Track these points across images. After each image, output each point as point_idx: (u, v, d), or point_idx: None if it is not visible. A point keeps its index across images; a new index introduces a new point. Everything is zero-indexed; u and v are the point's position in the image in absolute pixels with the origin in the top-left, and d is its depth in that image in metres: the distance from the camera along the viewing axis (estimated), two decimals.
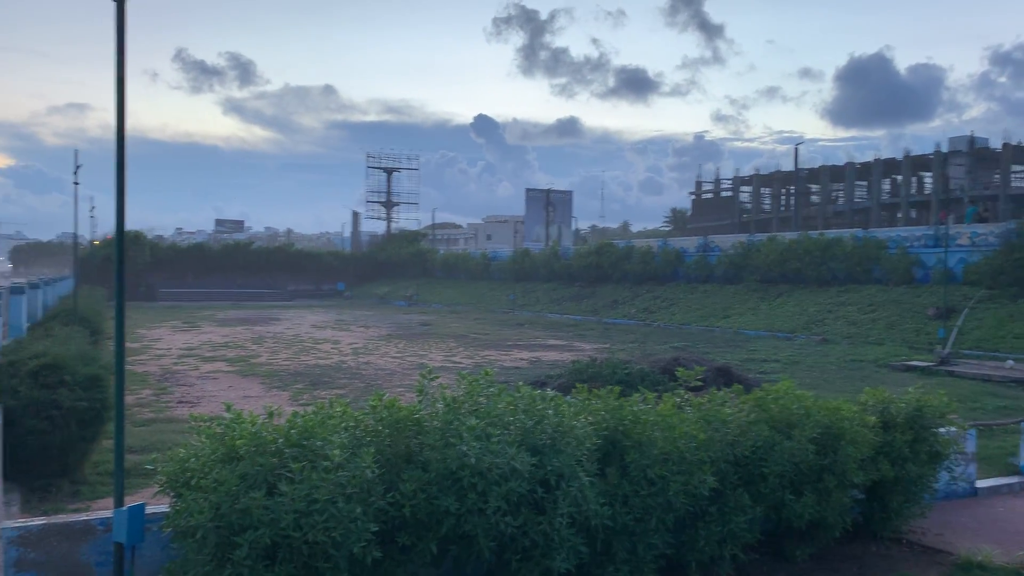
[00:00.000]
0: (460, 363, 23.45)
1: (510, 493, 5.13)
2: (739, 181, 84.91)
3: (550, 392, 6.14)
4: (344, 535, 4.64)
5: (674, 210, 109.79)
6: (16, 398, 9.51)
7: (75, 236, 24.46)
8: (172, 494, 5.09)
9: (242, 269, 72.20)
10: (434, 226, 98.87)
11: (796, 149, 71.04)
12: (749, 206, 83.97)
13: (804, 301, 38.54)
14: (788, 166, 76.50)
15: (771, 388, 7.31)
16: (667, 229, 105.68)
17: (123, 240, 5.10)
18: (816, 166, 76.94)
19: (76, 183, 19.47)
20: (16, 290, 18.26)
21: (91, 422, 9.86)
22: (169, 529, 5.01)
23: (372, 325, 39.63)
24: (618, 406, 6.22)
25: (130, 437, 11.39)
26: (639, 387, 8.23)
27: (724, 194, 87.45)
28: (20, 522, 5.39)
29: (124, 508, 5.03)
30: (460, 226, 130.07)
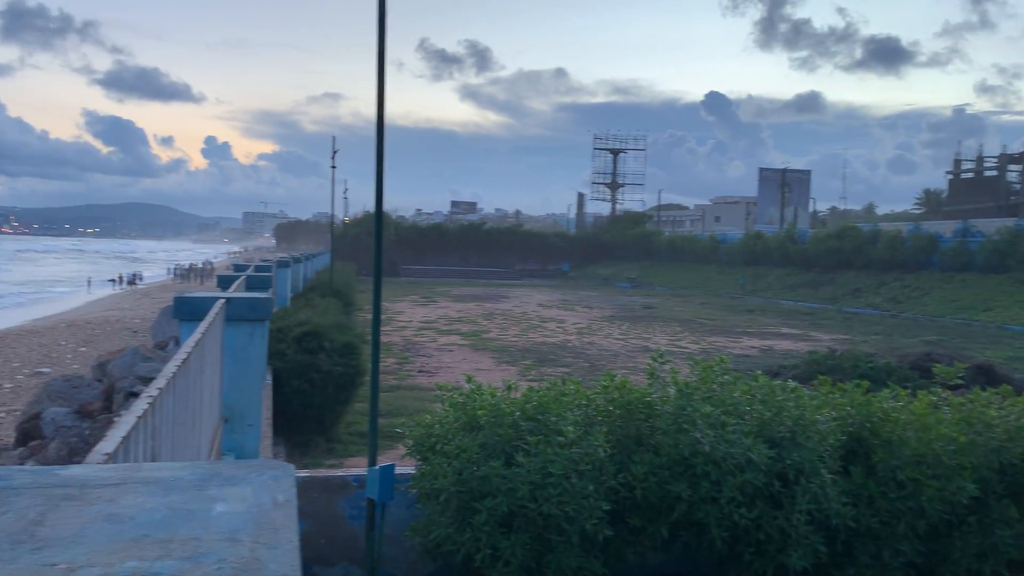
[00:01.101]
0: (686, 348, 23.08)
1: (745, 484, 4.99)
2: (1007, 159, 75.89)
3: (790, 383, 5.88)
4: (577, 510, 4.76)
5: (927, 191, 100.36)
6: (283, 361, 10.63)
7: (332, 216, 26.81)
8: (418, 457, 5.47)
9: (475, 248, 75.61)
10: (659, 207, 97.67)
11: None
12: (1018, 187, 74.89)
13: None
14: None
15: None
16: (918, 212, 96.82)
17: (381, 221, 5.52)
18: None
19: (333, 167, 21.31)
20: (282, 264, 20.40)
21: (346, 386, 10.82)
22: (415, 490, 5.39)
23: (596, 306, 40.00)
24: (865, 402, 5.83)
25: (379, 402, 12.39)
26: (887, 383, 7.66)
27: (987, 174, 78.65)
28: None
29: (377, 467, 5.47)
30: (686, 207, 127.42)
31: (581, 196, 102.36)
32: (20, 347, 23.44)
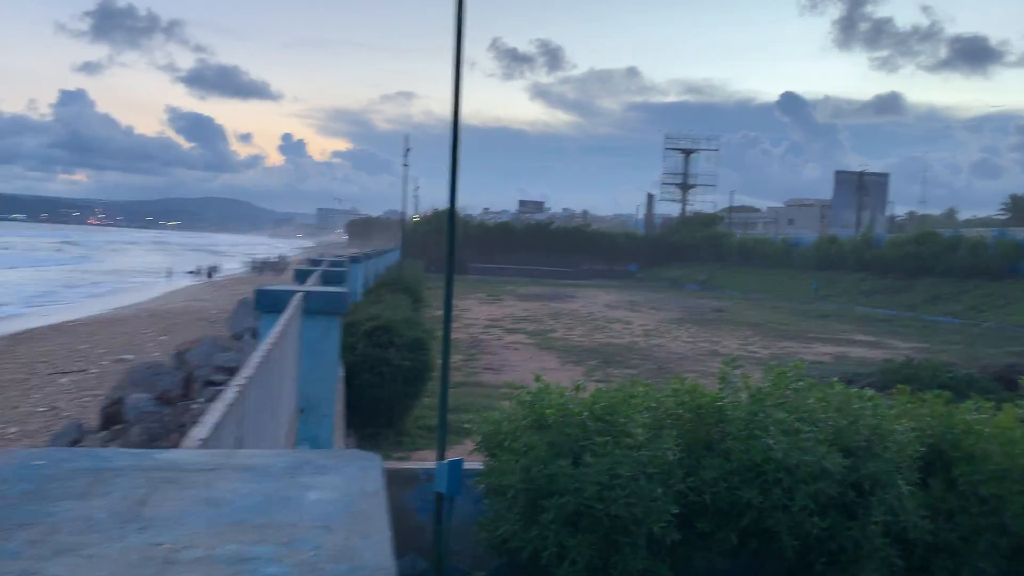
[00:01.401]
0: (756, 353, 22.64)
1: (818, 493, 4.88)
2: None
3: (867, 391, 5.72)
4: (644, 513, 4.72)
5: (1013, 196, 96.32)
6: (354, 355, 10.81)
7: (403, 214, 27.18)
8: (486, 453, 5.50)
9: (542, 247, 75.57)
10: (731, 209, 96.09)
11: None
12: None
13: None
14: None
15: None
16: (1003, 218, 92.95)
17: (455, 222, 5.57)
18: None
19: (405, 165, 21.65)
20: (354, 260, 20.78)
21: (414, 380, 10.95)
22: (482, 485, 5.42)
23: (663, 308, 39.57)
24: (947, 413, 5.64)
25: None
26: (969, 394, 7.38)
27: None
28: None
29: (445, 462, 5.53)
30: (758, 210, 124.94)
31: (651, 197, 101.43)
32: (105, 334, 24.42)
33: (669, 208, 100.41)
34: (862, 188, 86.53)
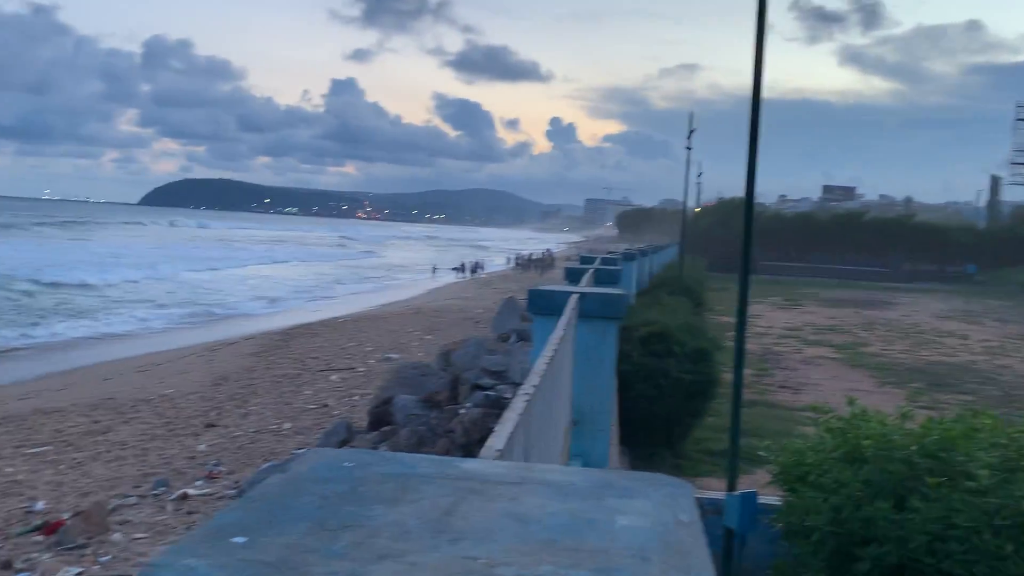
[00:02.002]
0: None
1: None
2: None
3: None
4: (989, 573, 4.33)
5: None
6: (628, 363, 10.96)
7: (684, 204, 27.01)
8: (785, 488, 5.34)
9: (851, 243, 71.52)
10: None
11: None
12: None
13: None
14: None
15: None
16: None
17: (751, 213, 5.47)
18: None
19: (688, 148, 21.43)
20: (628, 256, 21.00)
21: (696, 396, 10.88)
22: (780, 524, 5.27)
23: (1011, 320, 35.90)
24: None
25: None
26: None
27: None
28: None
29: (737, 494, 5.45)
30: None
31: (995, 180, 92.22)
32: (371, 331, 26.84)
33: (1020, 194, 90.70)
34: None
